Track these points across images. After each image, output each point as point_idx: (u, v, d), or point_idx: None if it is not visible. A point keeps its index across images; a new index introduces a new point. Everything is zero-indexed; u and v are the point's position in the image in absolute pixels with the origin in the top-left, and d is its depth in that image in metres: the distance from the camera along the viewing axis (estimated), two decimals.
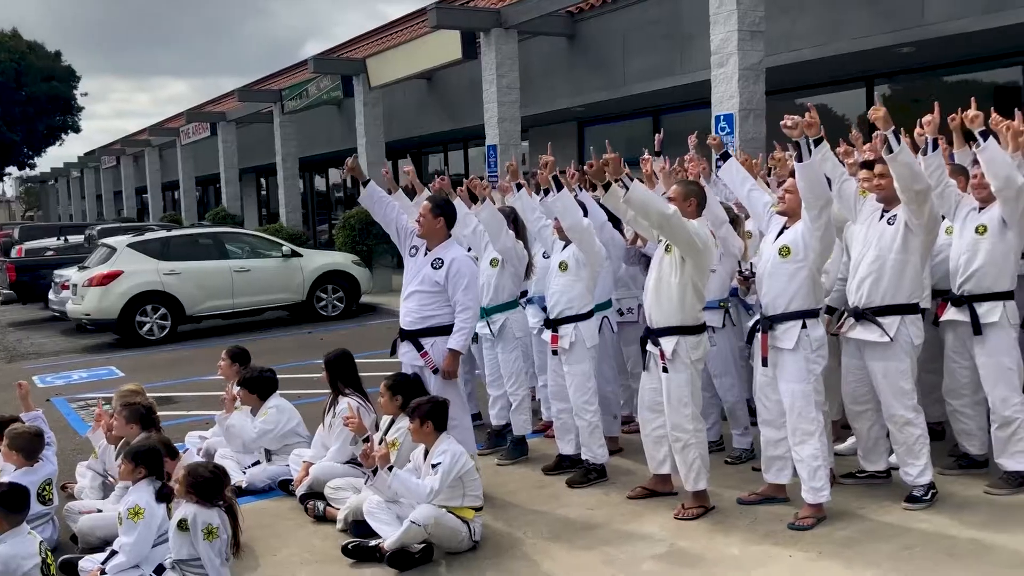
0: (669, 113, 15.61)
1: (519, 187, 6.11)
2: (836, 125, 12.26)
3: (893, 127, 4.77)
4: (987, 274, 5.27)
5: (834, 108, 13.20)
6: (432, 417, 4.86)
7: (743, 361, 6.20)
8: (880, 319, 5.04)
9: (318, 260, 15.46)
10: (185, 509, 4.34)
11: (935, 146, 5.16)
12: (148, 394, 6.13)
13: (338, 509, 5.36)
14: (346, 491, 5.47)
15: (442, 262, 5.60)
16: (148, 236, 14.56)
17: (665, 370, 5.11)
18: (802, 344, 4.90)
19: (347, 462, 5.75)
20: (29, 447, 5.17)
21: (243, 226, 22.37)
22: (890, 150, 4.78)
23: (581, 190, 6.22)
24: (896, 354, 5.04)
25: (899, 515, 5.01)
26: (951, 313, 5.40)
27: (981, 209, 5.29)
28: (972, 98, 5.14)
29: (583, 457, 5.88)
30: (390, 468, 4.71)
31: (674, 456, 5.25)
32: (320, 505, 5.48)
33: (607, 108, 15.64)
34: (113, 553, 4.67)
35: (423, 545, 4.71)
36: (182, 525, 4.31)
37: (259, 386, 6.14)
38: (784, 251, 4.93)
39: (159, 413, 5.76)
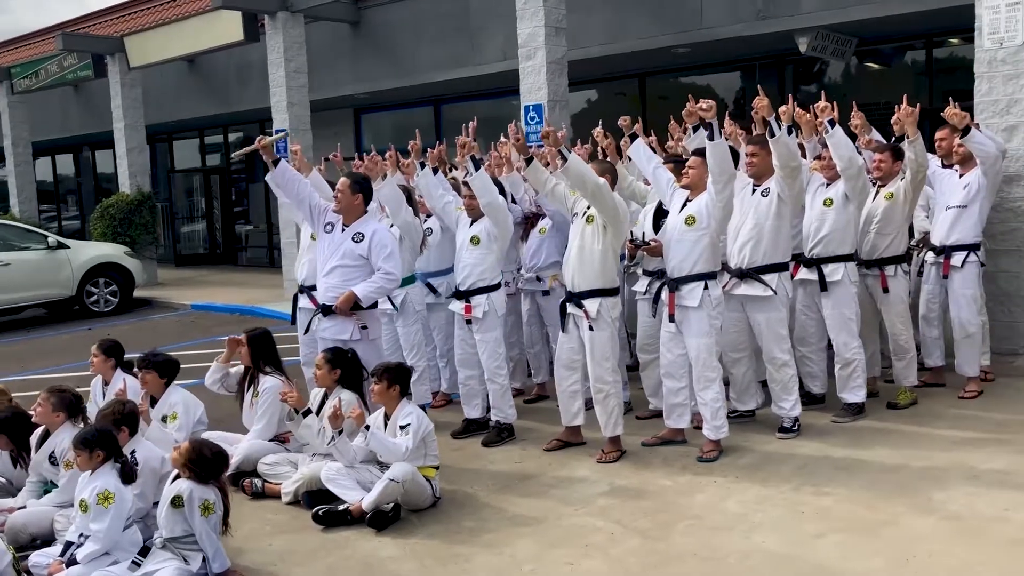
0: (451, 103, 16.19)
1: (423, 165, 6.38)
2: (612, 116, 13.40)
3: (774, 114, 5.63)
4: (832, 240, 6.30)
5: (611, 101, 14.39)
6: (400, 381, 5.09)
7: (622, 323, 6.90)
8: (763, 276, 5.91)
9: (88, 252, 14.46)
10: (179, 485, 4.27)
11: (789, 132, 6.09)
12: None
13: (278, 484, 5.40)
14: (283, 466, 5.53)
15: (363, 236, 5.77)
16: None
17: (591, 328, 5.66)
18: (705, 302, 5.64)
19: (272, 439, 5.77)
20: None
21: None
22: (772, 134, 5.64)
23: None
24: (776, 306, 5.94)
25: (779, 444, 5.91)
26: (803, 273, 6.40)
27: (828, 185, 6.33)
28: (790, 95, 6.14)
29: (494, 418, 6.29)
30: (367, 427, 4.90)
31: (595, 407, 5.81)
32: (258, 482, 5.48)
33: (391, 97, 15.91)
34: (69, 545, 4.49)
35: (392, 504, 4.93)
36: (176, 502, 4.24)
37: (166, 369, 5.93)
38: (690, 220, 5.64)
39: None
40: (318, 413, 5.35)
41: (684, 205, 5.73)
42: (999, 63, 7.79)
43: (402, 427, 4.99)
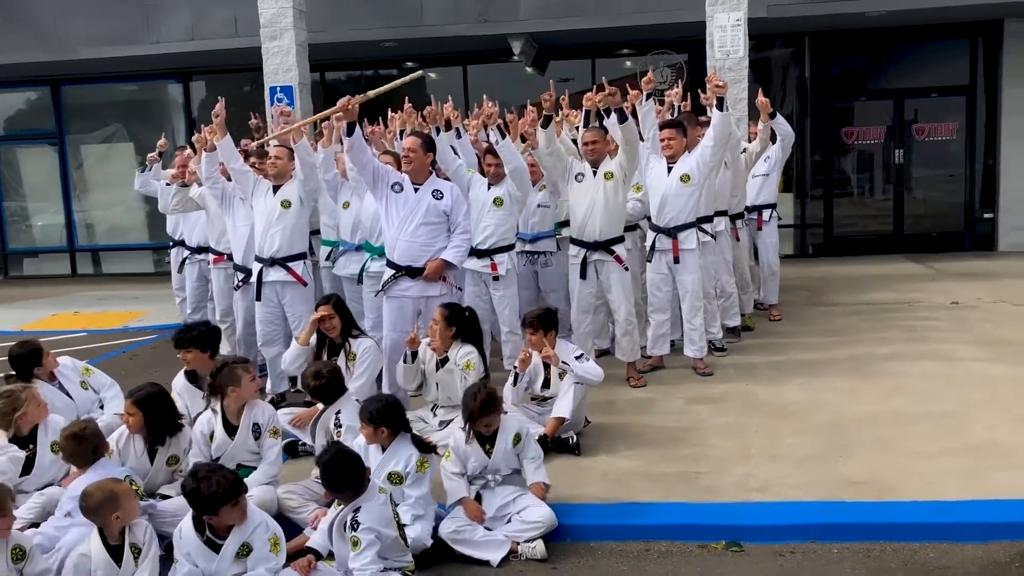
0: (76, 84, 14.52)
1: (438, 131, 6.53)
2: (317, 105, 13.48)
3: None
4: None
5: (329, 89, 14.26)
6: (555, 326, 5.51)
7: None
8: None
9: None
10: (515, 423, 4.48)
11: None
12: None
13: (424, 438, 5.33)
14: (415, 424, 5.45)
15: (441, 193, 5.89)
16: None
17: (626, 269, 6.53)
18: (698, 245, 6.86)
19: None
20: None
21: None
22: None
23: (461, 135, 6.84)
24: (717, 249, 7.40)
25: (729, 358, 7.33)
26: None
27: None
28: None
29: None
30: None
31: (622, 339, 6.65)
32: None
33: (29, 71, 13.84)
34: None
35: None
36: (517, 439, 4.47)
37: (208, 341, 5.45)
38: (685, 178, 6.74)
39: None
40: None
41: (670, 169, 6.81)
42: (726, 71, 10.16)
43: (577, 357, 5.42)
